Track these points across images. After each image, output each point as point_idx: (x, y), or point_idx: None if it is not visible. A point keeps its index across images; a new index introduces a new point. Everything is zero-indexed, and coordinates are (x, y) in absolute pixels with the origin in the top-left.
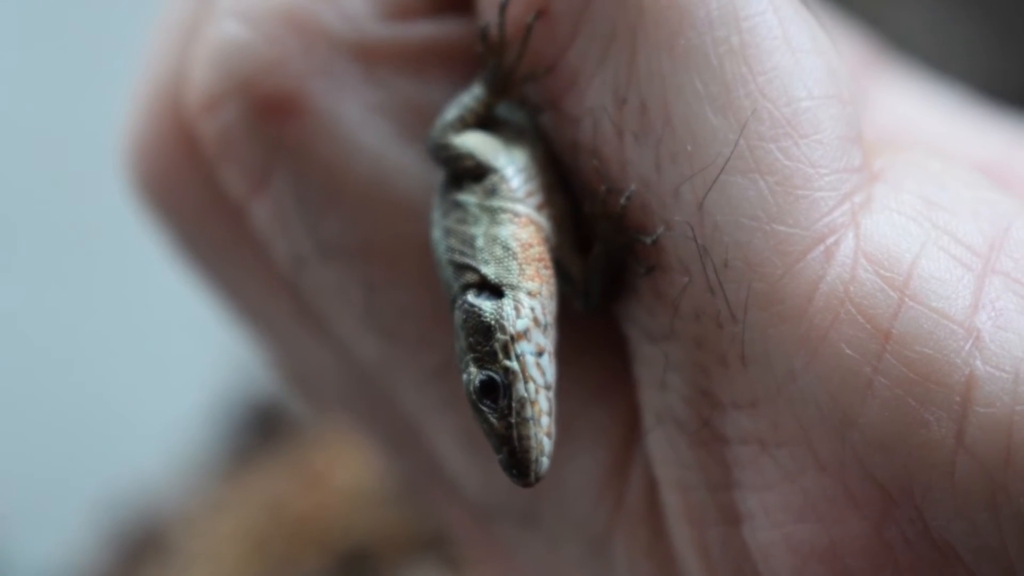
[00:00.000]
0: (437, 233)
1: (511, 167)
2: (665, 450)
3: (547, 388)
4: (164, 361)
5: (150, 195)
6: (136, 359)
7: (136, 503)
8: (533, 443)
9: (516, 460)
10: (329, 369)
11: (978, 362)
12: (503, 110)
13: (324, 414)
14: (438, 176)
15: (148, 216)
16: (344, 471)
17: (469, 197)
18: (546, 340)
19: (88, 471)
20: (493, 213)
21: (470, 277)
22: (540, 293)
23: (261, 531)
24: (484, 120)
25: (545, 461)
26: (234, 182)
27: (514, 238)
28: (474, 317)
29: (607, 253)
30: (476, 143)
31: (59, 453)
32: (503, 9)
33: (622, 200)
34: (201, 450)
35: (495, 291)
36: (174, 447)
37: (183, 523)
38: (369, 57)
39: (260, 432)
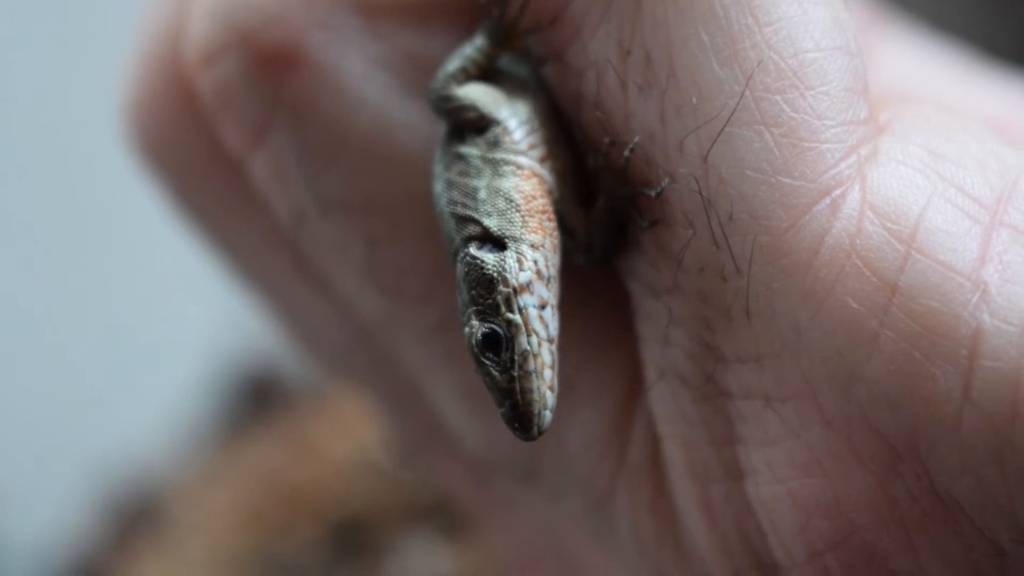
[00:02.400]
0: (439, 186)
1: (514, 119)
2: (668, 405)
3: (550, 341)
4: (158, 332)
5: (149, 151)
6: (130, 330)
7: (130, 475)
8: (536, 396)
9: (519, 414)
10: (330, 327)
11: (985, 315)
12: (506, 62)
13: (326, 373)
14: (440, 130)
15: (147, 173)
16: (339, 441)
17: (471, 149)
18: (549, 293)
19: (82, 443)
20: (496, 165)
21: (472, 229)
22: (543, 246)
23: (256, 502)
24: (487, 72)
25: (548, 415)
26: (233, 136)
27: (517, 190)
28: (476, 269)
29: (610, 207)
30: (479, 95)
31: (52, 426)
32: None
33: (626, 152)
34: (196, 421)
35: (498, 243)
36: (168, 418)
37: (178, 494)
38: (370, 10)
39: (255, 403)
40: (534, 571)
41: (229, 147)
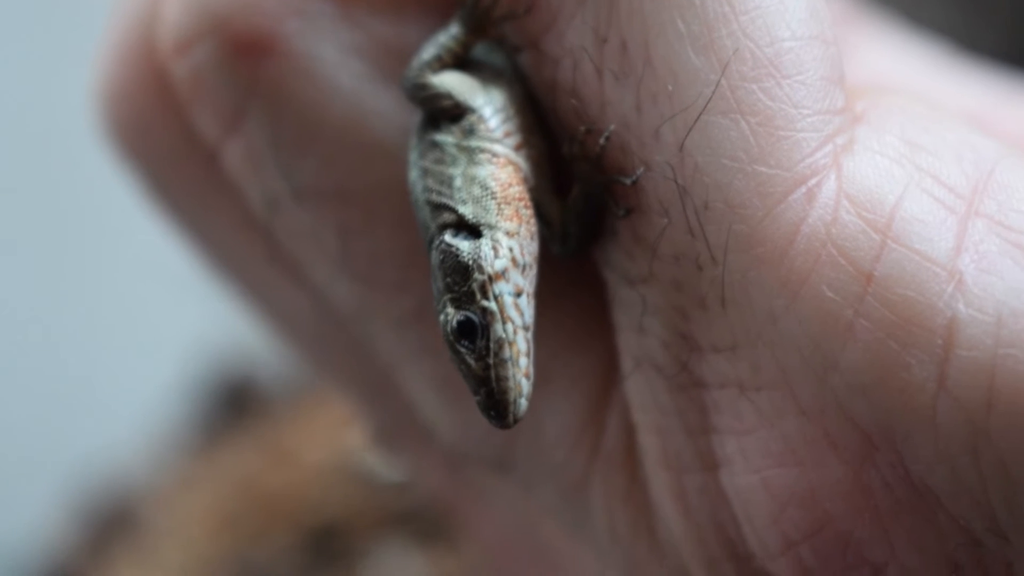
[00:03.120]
0: (414, 174)
1: (489, 107)
2: (643, 395)
3: (525, 329)
4: (134, 337)
5: (122, 139)
6: (105, 335)
7: (105, 480)
8: (511, 384)
9: (494, 401)
10: (304, 316)
11: (960, 305)
12: (480, 50)
13: (301, 363)
14: (415, 118)
15: (121, 162)
16: (315, 448)
17: (447, 137)
18: (525, 281)
19: (56, 448)
20: (471, 153)
21: (447, 217)
22: (519, 233)
23: (231, 508)
24: (461, 60)
25: (523, 402)
26: (207, 124)
27: (492, 178)
28: (451, 257)
29: (585, 195)
30: (453, 82)
31: (26, 430)
32: None
33: (601, 140)
34: (171, 426)
35: (473, 231)
36: (144, 423)
37: (153, 499)
38: None
39: (230, 409)
40: (508, 562)
41: (203, 135)
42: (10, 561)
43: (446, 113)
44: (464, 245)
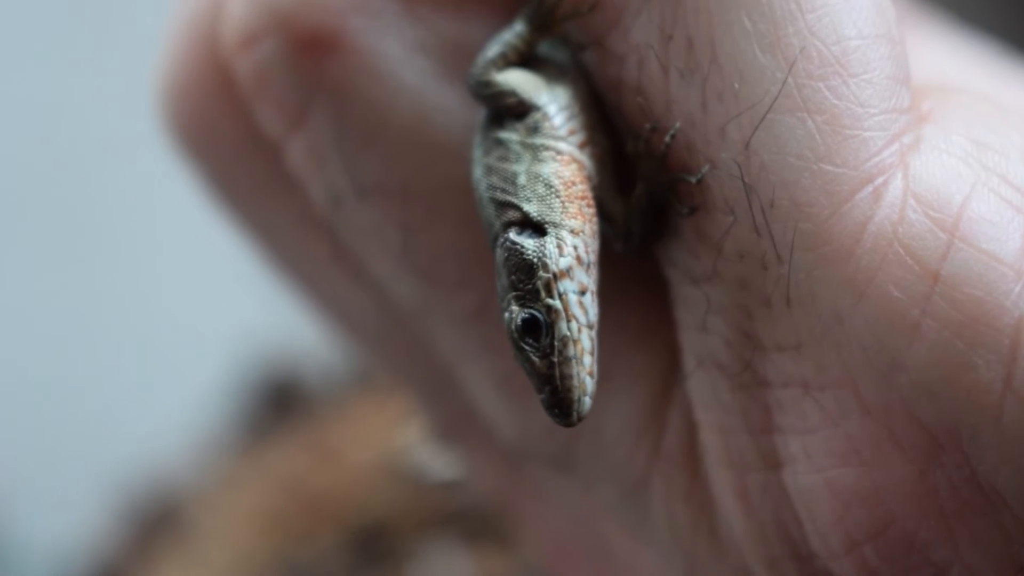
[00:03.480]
0: (478, 171)
1: (554, 104)
2: (706, 393)
3: (590, 327)
4: (179, 336)
5: (185, 136)
6: (151, 335)
7: (150, 479)
8: (576, 382)
9: (558, 399)
10: (365, 312)
11: None
12: (545, 47)
13: (362, 359)
14: (478, 115)
15: (182, 159)
16: (361, 447)
17: (511, 135)
18: (589, 279)
19: (101, 448)
20: (535, 151)
21: (512, 215)
22: (583, 231)
23: (277, 507)
24: (526, 57)
25: (587, 401)
26: (271, 120)
27: (557, 176)
28: (516, 255)
29: (649, 193)
30: (518, 80)
31: (73, 430)
32: None
33: (667, 138)
34: (216, 426)
35: (537, 229)
36: (189, 423)
37: (198, 499)
38: None
39: (276, 408)
40: (565, 561)
41: (267, 131)
42: (56, 560)
43: (511, 111)
44: (529, 243)
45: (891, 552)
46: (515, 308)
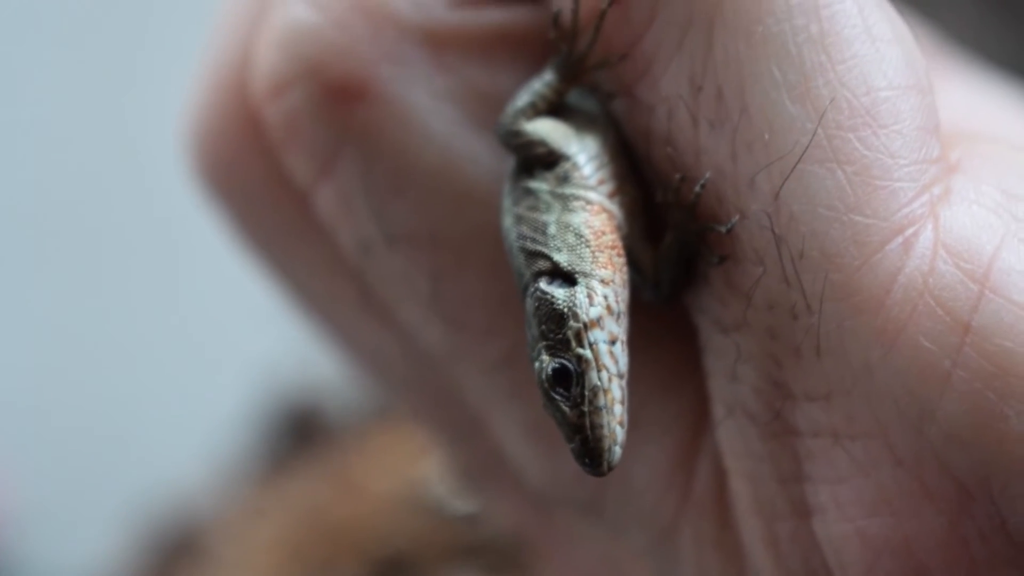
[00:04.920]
0: (508, 220)
1: (583, 154)
2: (735, 441)
3: (620, 376)
4: (200, 365)
5: (213, 181)
6: (172, 362)
7: (171, 508)
8: (606, 432)
9: (589, 449)
10: (393, 357)
11: None
12: (574, 96)
13: (388, 402)
14: (507, 164)
15: (210, 203)
16: (382, 478)
17: (541, 184)
18: (619, 328)
19: (122, 476)
20: (565, 200)
21: (542, 264)
22: (613, 281)
23: (298, 538)
24: (555, 107)
25: (618, 450)
26: (300, 168)
27: (587, 225)
28: (546, 304)
29: (679, 242)
30: (548, 130)
31: (93, 457)
32: None
33: (696, 188)
34: (237, 455)
35: (568, 279)
36: (210, 452)
37: (219, 529)
38: (437, 43)
39: (297, 438)
40: None
41: (296, 178)
42: None
43: (540, 160)
44: (559, 293)
45: None
46: (545, 358)
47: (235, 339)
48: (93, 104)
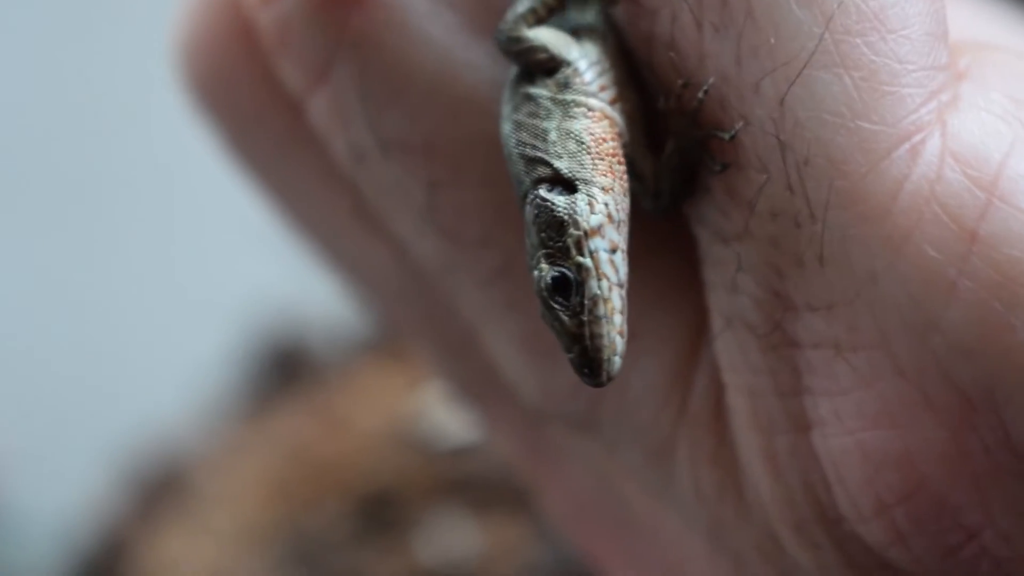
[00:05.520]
0: (507, 127)
1: (584, 60)
2: (734, 354)
3: (620, 286)
4: (184, 303)
5: (204, 92)
6: (155, 300)
7: (155, 447)
8: (606, 341)
9: (588, 359)
10: (386, 272)
11: None
12: (575, 3)
13: (381, 320)
14: (506, 71)
15: (201, 115)
16: (367, 415)
17: (541, 91)
18: (619, 237)
19: (105, 415)
20: (566, 107)
21: (542, 171)
22: (614, 189)
23: (283, 475)
24: (556, 13)
25: (617, 360)
26: (293, 75)
27: (588, 132)
28: (546, 212)
29: (681, 150)
30: (549, 36)
31: (76, 396)
32: None
33: (700, 94)
34: (222, 392)
35: (568, 186)
36: (194, 389)
37: (203, 466)
38: None
39: (282, 375)
40: (585, 526)
41: (289, 86)
42: (59, 529)
43: (541, 66)
44: (560, 200)
45: (921, 515)
46: (545, 266)
47: (219, 277)
48: (71, 21)
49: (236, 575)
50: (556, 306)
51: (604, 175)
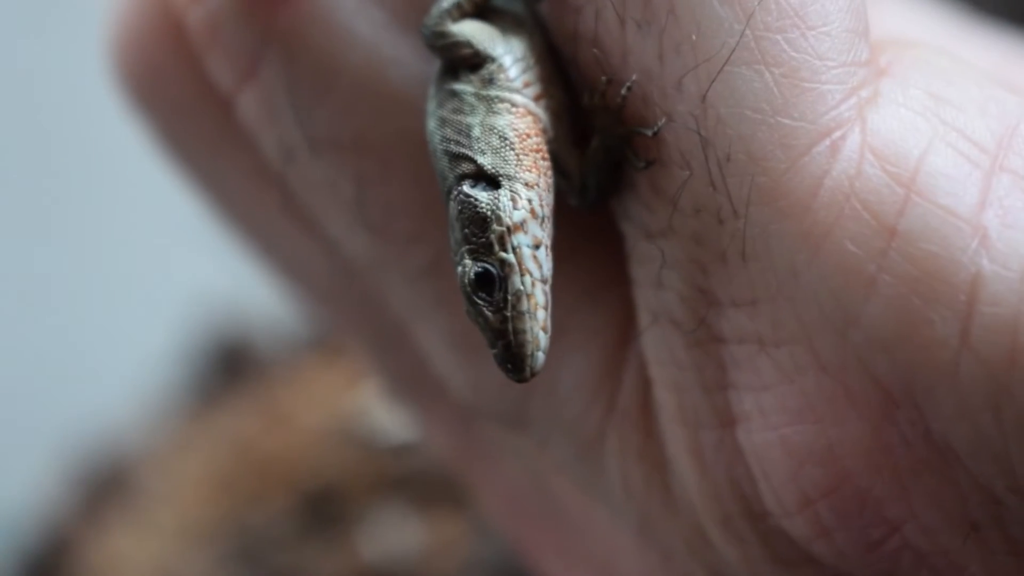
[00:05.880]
0: (432, 123)
1: (509, 56)
2: (660, 350)
3: (544, 282)
4: (128, 298)
5: (137, 90)
6: (99, 296)
7: (99, 443)
8: (529, 337)
9: (511, 354)
10: (317, 269)
11: (984, 260)
12: None
13: (312, 316)
14: (433, 67)
15: (133, 111)
16: (311, 411)
17: (466, 87)
18: (543, 233)
19: (49, 411)
20: (490, 103)
21: (466, 167)
22: (538, 185)
23: (228, 471)
24: (482, 9)
25: (541, 356)
26: (222, 72)
27: (511, 128)
28: (470, 208)
29: (605, 146)
30: (473, 31)
31: (18, 393)
32: None
33: (623, 91)
34: (166, 389)
35: (491, 182)
36: (138, 386)
37: (148, 463)
38: None
39: (227, 371)
40: (517, 521)
41: (218, 83)
42: (4, 525)
43: (465, 62)
44: (483, 196)
45: (845, 509)
46: (468, 262)
47: (164, 272)
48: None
49: (181, 572)
50: (480, 302)
51: (528, 171)
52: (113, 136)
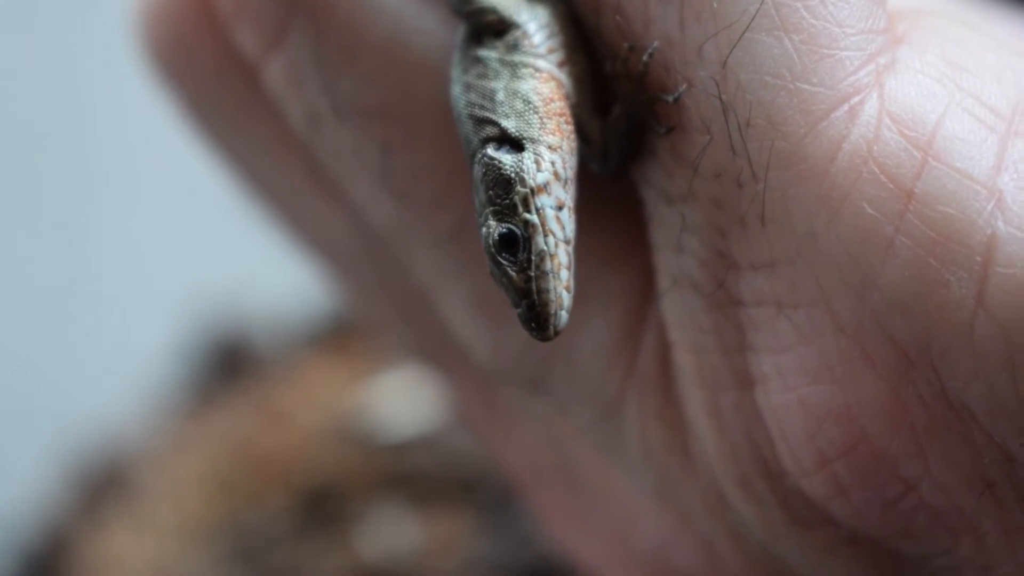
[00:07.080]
0: (457, 89)
1: (533, 22)
2: (679, 313)
3: (567, 242)
4: (128, 297)
5: (164, 61)
6: (99, 296)
7: (98, 442)
8: (552, 296)
9: (535, 314)
10: (341, 236)
11: (1000, 223)
12: None
13: (336, 284)
14: (457, 34)
15: (160, 83)
16: (309, 410)
17: (490, 52)
18: (566, 195)
19: (48, 410)
20: (514, 68)
21: (490, 131)
22: (561, 147)
23: (226, 469)
24: None
25: (564, 315)
26: (249, 41)
27: (535, 92)
28: (494, 170)
29: (627, 113)
30: None
31: (18, 392)
32: None
33: (644, 58)
34: (164, 388)
35: (515, 145)
36: (137, 385)
37: (146, 462)
38: None
39: (224, 370)
40: (539, 483)
41: (245, 52)
42: (2, 524)
43: (490, 28)
44: (507, 158)
45: (862, 468)
46: (492, 223)
47: (162, 272)
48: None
49: (179, 570)
50: (504, 262)
51: (551, 134)
52: (113, 136)
